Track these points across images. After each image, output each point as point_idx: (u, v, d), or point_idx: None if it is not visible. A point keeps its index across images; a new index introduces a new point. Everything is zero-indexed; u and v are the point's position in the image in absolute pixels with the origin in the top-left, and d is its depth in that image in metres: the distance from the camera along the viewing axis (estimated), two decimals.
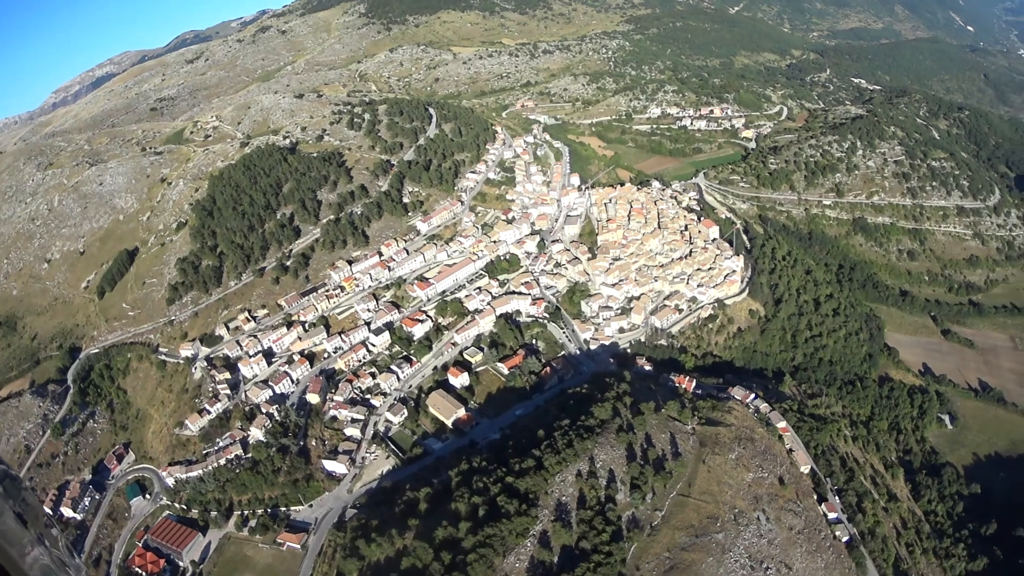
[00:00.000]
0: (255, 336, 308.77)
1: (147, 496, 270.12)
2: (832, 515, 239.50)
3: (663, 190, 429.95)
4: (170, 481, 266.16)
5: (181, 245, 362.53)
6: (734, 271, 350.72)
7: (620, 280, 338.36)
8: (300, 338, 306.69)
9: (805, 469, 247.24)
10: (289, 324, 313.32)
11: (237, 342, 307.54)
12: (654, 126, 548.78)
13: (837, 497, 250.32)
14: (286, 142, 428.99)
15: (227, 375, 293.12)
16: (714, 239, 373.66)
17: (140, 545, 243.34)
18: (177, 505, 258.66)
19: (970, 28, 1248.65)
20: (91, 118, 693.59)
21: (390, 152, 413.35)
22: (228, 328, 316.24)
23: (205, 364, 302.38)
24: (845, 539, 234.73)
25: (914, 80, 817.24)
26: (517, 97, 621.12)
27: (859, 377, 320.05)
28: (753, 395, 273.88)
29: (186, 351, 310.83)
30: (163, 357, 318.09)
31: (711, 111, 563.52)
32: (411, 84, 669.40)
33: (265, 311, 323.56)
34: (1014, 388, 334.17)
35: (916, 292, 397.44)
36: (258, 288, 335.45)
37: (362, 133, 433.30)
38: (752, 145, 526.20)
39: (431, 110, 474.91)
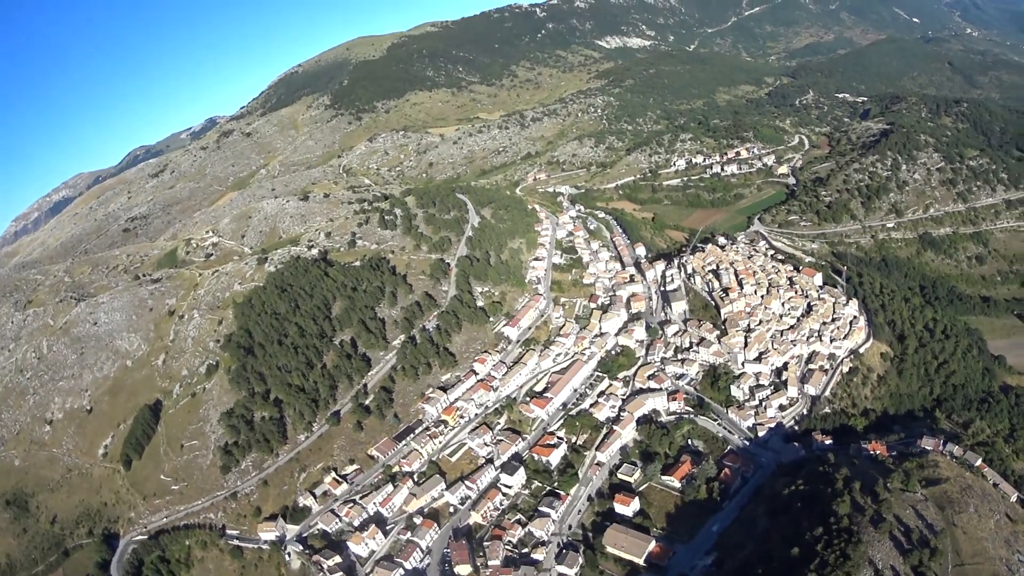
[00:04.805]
0: (354, 501, 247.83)
1: None
2: None
3: (733, 245, 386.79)
4: None
5: (219, 394, 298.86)
6: (856, 317, 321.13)
7: (762, 353, 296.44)
8: (414, 494, 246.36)
9: (1013, 498, 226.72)
10: (392, 478, 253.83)
11: (333, 512, 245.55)
12: (684, 179, 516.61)
13: None
14: (313, 252, 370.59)
15: (336, 559, 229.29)
16: (821, 287, 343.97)
17: None
18: None
19: (916, 20, 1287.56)
20: (60, 245, 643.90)
21: (439, 249, 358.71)
22: (315, 495, 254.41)
23: (300, 548, 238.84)
24: None
25: (887, 83, 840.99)
26: (525, 171, 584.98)
27: (987, 393, 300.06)
28: (942, 441, 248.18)
29: (267, 533, 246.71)
30: (236, 542, 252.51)
31: (738, 153, 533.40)
32: (404, 172, 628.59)
33: (355, 466, 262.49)
34: None
35: (995, 295, 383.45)
36: (338, 438, 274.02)
37: (400, 232, 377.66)
38: (791, 181, 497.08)
39: (463, 196, 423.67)
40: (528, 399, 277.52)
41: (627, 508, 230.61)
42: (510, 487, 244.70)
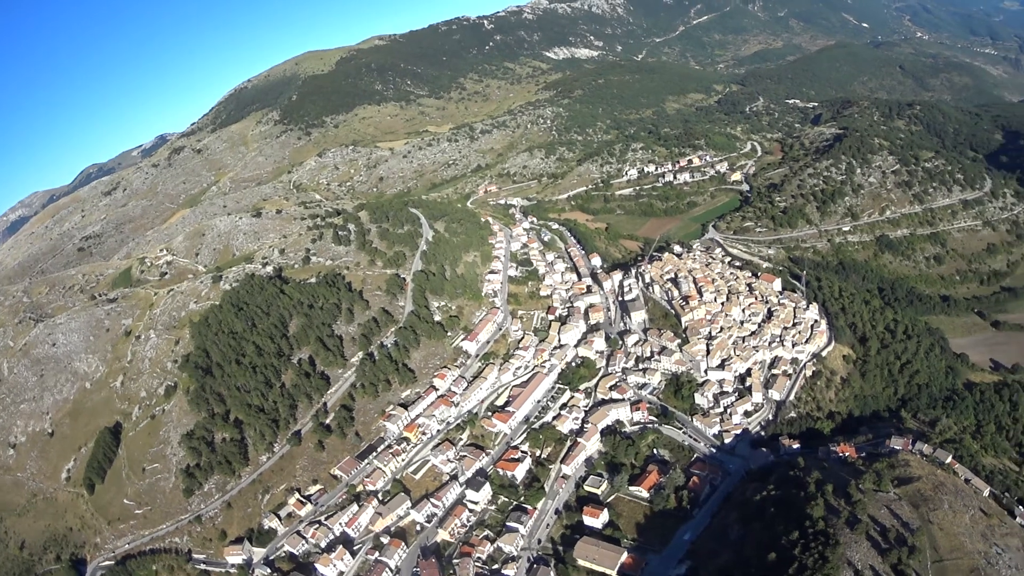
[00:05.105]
0: (320, 522, 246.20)
1: None
2: None
3: (690, 253, 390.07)
4: None
5: (179, 416, 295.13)
6: (817, 321, 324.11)
7: (725, 360, 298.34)
8: (380, 513, 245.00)
9: (986, 492, 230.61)
10: (357, 498, 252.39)
11: (299, 533, 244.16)
12: (637, 188, 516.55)
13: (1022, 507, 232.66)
14: (267, 269, 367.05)
15: None
16: (780, 292, 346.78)
17: None
18: None
19: (865, 25, 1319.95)
20: (18, 265, 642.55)
21: (394, 265, 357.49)
22: (279, 517, 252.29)
23: (268, 571, 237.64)
24: None
25: (838, 88, 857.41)
26: (475, 183, 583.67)
27: (951, 391, 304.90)
28: (911, 440, 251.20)
29: (235, 556, 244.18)
30: (204, 566, 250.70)
31: (690, 161, 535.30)
32: (355, 187, 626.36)
33: (318, 487, 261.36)
34: None
35: (954, 294, 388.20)
36: (300, 459, 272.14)
37: (354, 247, 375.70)
38: (745, 187, 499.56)
39: (416, 211, 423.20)
40: (490, 414, 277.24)
41: (596, 520, 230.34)
42: (476, 503, 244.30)
